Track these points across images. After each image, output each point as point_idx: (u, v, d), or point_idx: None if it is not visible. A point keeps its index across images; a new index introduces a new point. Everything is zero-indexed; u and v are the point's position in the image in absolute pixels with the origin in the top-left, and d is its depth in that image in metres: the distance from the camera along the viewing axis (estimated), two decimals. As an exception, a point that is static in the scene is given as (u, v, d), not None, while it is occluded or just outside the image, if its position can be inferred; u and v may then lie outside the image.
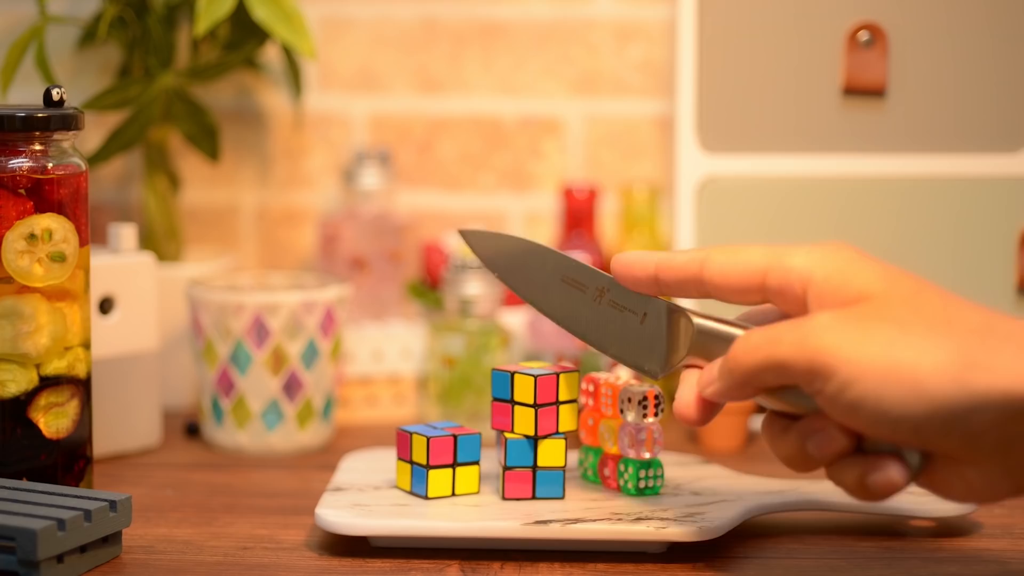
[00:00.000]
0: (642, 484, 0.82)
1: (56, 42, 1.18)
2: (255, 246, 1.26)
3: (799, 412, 0.68)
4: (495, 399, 0.82)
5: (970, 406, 0.62)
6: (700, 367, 0.73)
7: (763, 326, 0.69)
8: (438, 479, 0.81)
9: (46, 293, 0.84)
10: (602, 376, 0.85)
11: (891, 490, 0.66)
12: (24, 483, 0.80)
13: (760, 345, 0.67)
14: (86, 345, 0.87)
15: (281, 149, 1.25)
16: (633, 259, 0.76)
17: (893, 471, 0.66)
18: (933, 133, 1.06)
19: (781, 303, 0.70)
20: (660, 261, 0.74)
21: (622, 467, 0.83)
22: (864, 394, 0.63)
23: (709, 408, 0.72)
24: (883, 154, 1.06)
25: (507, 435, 0.81)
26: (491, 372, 0.83)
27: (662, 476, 0.83)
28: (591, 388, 0.85)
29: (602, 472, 0.85)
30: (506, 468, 0.81)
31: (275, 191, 1.25)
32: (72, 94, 0.96)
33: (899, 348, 0.63)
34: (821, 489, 0.84)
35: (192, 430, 1.04)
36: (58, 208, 0.84)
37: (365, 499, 0.81)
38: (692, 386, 0.72)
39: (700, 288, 0.73)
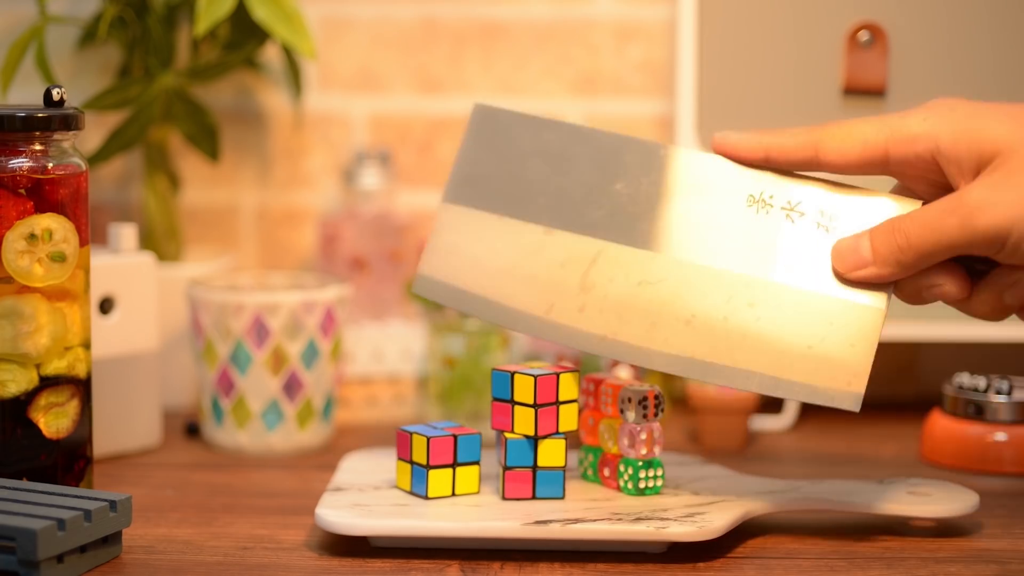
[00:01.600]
0: (642, 484, 0.82)
1: (56, 42, 1.18)
2: (255, 246, 1.26)
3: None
4: (495, 399, 0.82)
5: None
6: None
7: (915, 211, 0.70)
8: (438, 479, 0.81)
9: (46, 293, 0.84)
10: (602, 376, 0.85)
11: None
12: (24, 483, 0.80)
13: (925, 235, 0.69)
14: (86, 345, 0.87)
15: (281, 149, 1.25)
16: (739, 141, 0.76)
17: None
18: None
19: (908, 172, 0.71)
20: (770, 145, 0.75)
21: (622, 467, 0.83)
22: None
23: None
24: (883, 154, 1.06)
25: (507, 435, 0.81)
26: (491, 372, 0.83)
27: (662, 476, 0.83)
28: (591, 388, 0.85)
29: (602, 472, 0.85)
30: (506, 468, 0.81)
31: (275, 191, 1.25)
32: (72, 94, 0.96)
33: None
34: (821, 489, 0.84)
35: (192, 430, 1.04)
36: (58, 208, 0.84)
37: (365, 499, 0.81)
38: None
39: (815, 167, 0.74)
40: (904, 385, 1.20)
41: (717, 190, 0.78)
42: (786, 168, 0.75)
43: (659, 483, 0.82)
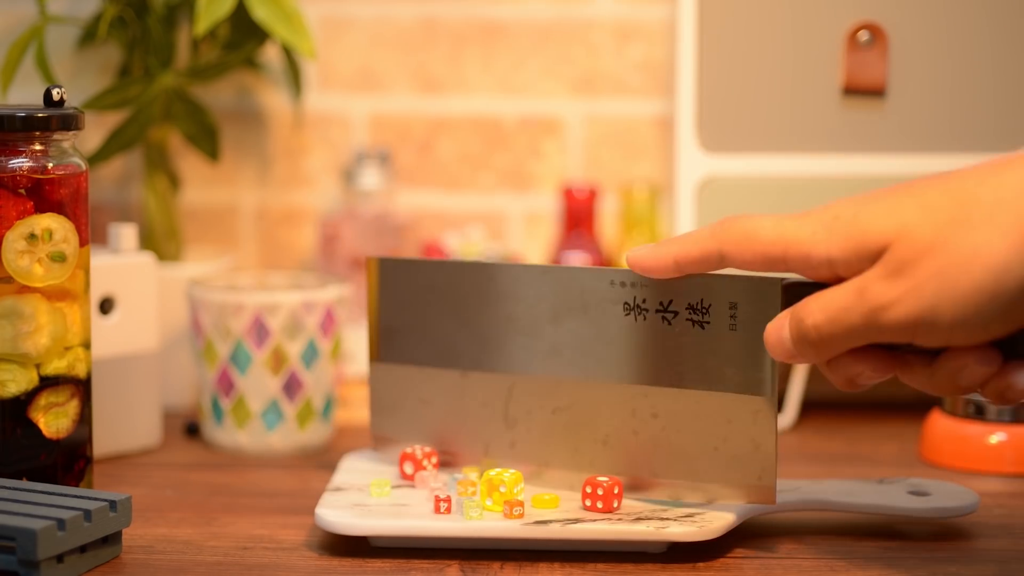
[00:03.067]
0: None
1: (56, 42, 1.18)
2: (255, 246, 1.26)
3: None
4: None
5: None
6: None
7: (821, 300, 0.70)
8: None
9: (46, 293, 0.84)
10: None
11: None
12: (24, 483, 0.79)
13: (834, 328, 0.69)
14: (86, 345, 0.87)
15: (281, 149, 1.25)
16: (647, 255, 0.77)
17: (1021, 380, 0.68)
18: (933, 133, 1.06)
19: (809, 273, 0.71)
20: (677, 254, 0.75)
21: None
22: (951, 324, 0.66)
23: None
24: (883, 154, 1.06)
25: None
26: None
27: None
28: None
29: None
30: None
31: (275, 191, 1.25)
32: (72, 94, 0.96)
33: (949, 272, 0.65)
34: (821, 489, 0.83)
35: (192, 430, 1.04)
36: (58, 208, 0.84)
37: (365, 499, 0.81)
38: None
39: (722, 267, 0.74)
40: (904, 385, 1.20)
41: (597, 304, 0.80)
42: (697, 272, 0.76)
43: None
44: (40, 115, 0.83)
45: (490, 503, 0.79)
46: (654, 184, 1.21)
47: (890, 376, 0.72)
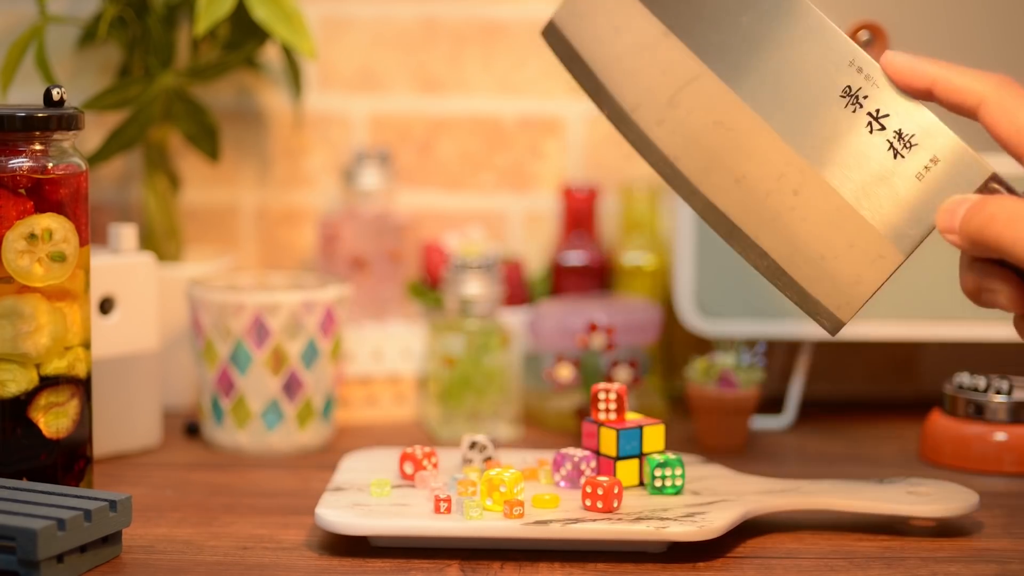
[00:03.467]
0: (658, 483, 0.82)
1: (56, 42, 1.18)
2: (255, 246, 1.26)
3: None
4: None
5: None
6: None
7: (1016, 205, 0.70)
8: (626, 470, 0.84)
9: (46, 293, 0.84)
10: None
11: None
12: (24, 483, 0.80)
13: (1007, 233, 0.69)
14: (86, 345, 0.87)
15: (281, 149, 1.25)
16: (908, 65, 0.75)
17: None
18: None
19: None
20: (936, 78, 0.74)
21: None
22: None
23: None
24: (883, 154, 1.06)
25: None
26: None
27: (682, 476, 0.83)
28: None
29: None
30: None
31: (275, 191, 1.25)
32: (72, 94, 0.96)
33: None
34: (821, 489, 0.84)
35: (192, 430, 1.04)
36: (58, 208, 0.84)
37: (365, 499, 0.81)
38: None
39: (973, 118, 0.73)
40: (904, 385, 1.20)
41: (825, 66, 0.77)
42: (945, 107, 0.74)
43: (678, 483, 0.83)
44: (40, 115, 0.83)
45: (490, 503, 0.79)
46: (654, 184, 1.21)
47: (1015, 310, 0.71)
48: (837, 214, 0.77)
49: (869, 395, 1.18)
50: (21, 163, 0.83)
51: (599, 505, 0.79)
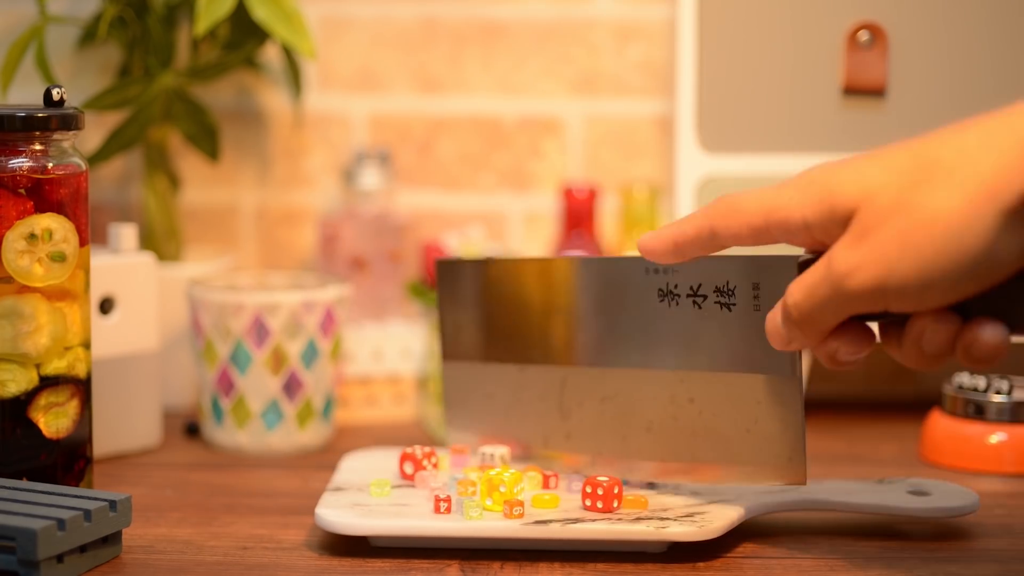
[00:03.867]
0: None
1: (56, 42, 1.18)
2: (255, 246, 1.26)
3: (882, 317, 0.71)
4: None
5: (992, 217, 0.64)
6: None
7: (799, 277, 0.71)
8: None
9: (46, 293, 0.84)
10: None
11: (995, 351, 0.68)
12: (24, 483, 0.79)
13: (810, 303, 0.69)
14: (86, 345, 0.87)
15: (281, 149, 1.25)
16: (650, 240, 0.77)
17: (987, 334, 0.67)
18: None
19: (795, 241, 0.72)
20: (675, 235, 0.76)
21: None
22: (917, 287, 0.65)
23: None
24: (883, 154, 1.06)
25: None
26: None
27: None
28: None
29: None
30: None
31: (275, 191, 1.25)
32: (72, 94, 0.96)
33: (911, 233, 0.65)
34: (821, 489, 0.84)
35: (192, 430, 1.04)
36: (58, 208, 0.84)
37: (365, 499, 0.81)
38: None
39: (720, 247, 0.75)
40: (904, 385, 1.20)
41: (632, 292, 0.81)
42: (697, 253, 0.76)
43: None
44: (40, 115, 0.83)
45: (490, 503, 0.79)
46: (654, 184, 1.21)
47: (867, 351, 0.71)
48: (731, 389, 0.79)
49: (869, 395, 1.18)
50: (21, 163, 0.83)
51: (599, 505, 0.79)
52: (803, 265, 0.74)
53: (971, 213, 0.64)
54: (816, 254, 0.73)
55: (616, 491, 0.79)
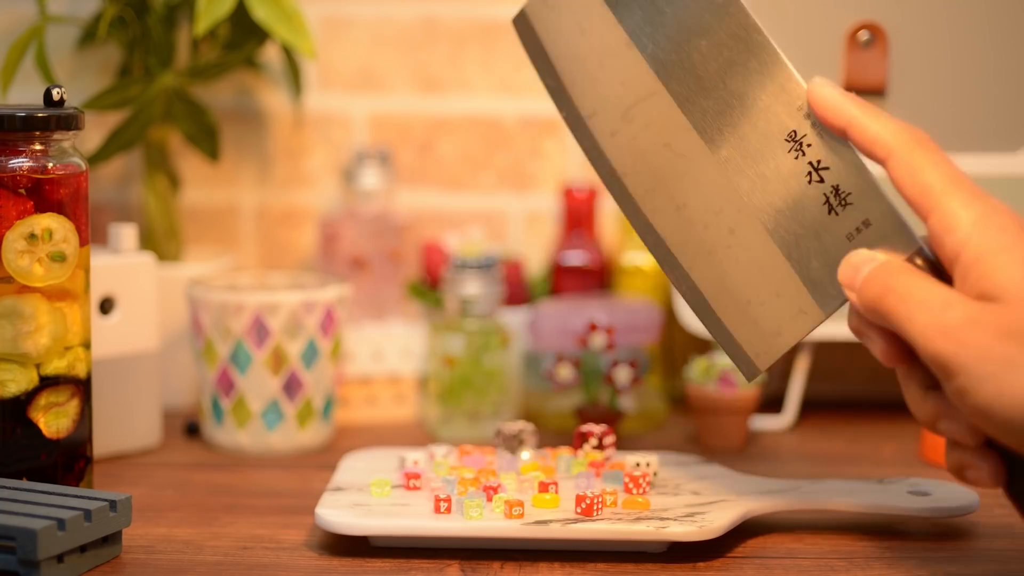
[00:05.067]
0: None
1: (56, 42, 1.18)
2: (255, 246, 1.26)
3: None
4: None
5: None
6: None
7: (914, 278, 0.69)
8: None
9: (46, 293, 0.84)
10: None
11: (983, 485, 0.69)
12: (24, 483, 0.80)
13: (903, 312, 0.68)
14: (86, 345, 0.87)
15: (281, 149, 1.25)
16: (830, 99, 0.75)
17: (986, 471, 0.68)
18: (933, 133, 1.05)
19: (931, 240, 0.70)
20: (852, 120, 0.73)
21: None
22: (983, 404, 0.65)
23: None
24: (883, 154, 1.06)
25: None
26: None
27: None
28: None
29: None
30: None
31: (275, 191, 1.25)
32: (72, 94, 0.96)
33: (1018, 367, 0.64)
34: (821, 489, 0.84)
35: (192, 430, 1.04)
36: (58, 208, 0.84)
37: (365, 499, 0.81)
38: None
39: (877, 161, 0.72)
40: (904, 385, 1.20)
41: (774, 106, 0.77)
42: (858, 149, 0.74)
43: None
44: (40, 115, 0.83)
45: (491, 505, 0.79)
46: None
47: (889, 364, 0.72)
48: (768, 261, 0.76)
49: (869, 395, 1.18)
50: (21, 163, 0.83)
51: (581, 507, 0.78)
52: (918, 253, 0.71)
53: None
54: (933, 261, 0.71)
55: (600, 503, 0.79)
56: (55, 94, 0.85)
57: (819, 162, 0.75)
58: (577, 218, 1.18)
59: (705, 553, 0.78)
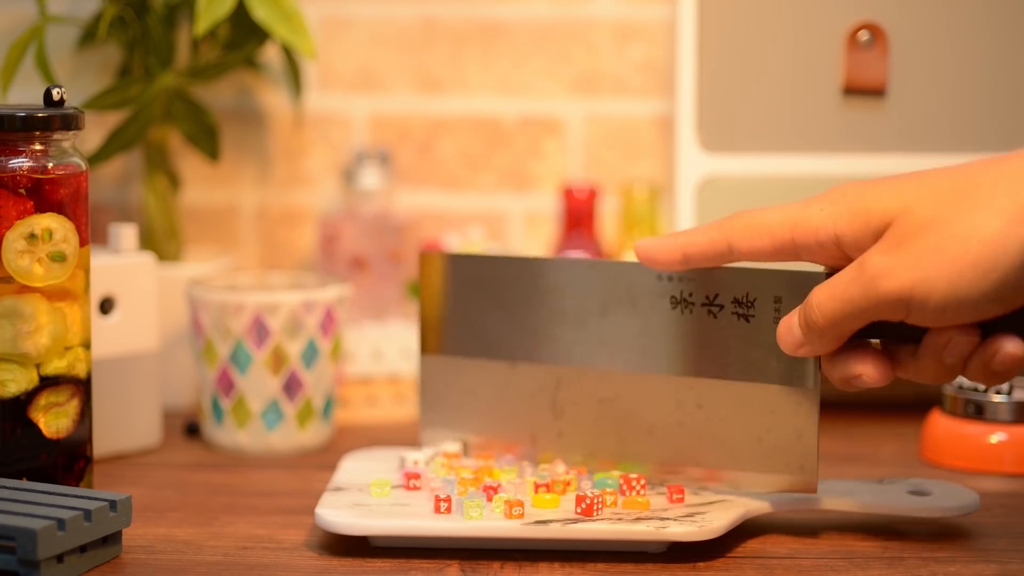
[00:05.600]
0: None
1: (56, 42, 1.18)
2: (255, 246, 1.26)
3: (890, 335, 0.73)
4: None
5: None
6: None
7: (825, 282, 0.72)
8: None
9: (46, 293, 0.84)
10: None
11: (1015, 364, 0.71)
12: (24, 483, 0.79)
13: (834, 306, 0.71)
14: (86, 345, 0.87)
15: (281, 149, 1.25)
16: (656, 246, 0.78)
17: (1009, 346, 0.70)
18: (933, 133, 1.06)
19: (817, 257, 0.73)
20: (685, 245, 0.77)
21: None
22: (944, 299, 0.68)
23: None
24: (883, 154, 1.06)
25: None
26: None
27: None
28: None
29: None
30: None
31: (275, 191, 1.25)
32: (72, 94, 0.96)
33: (947, 246, 0.68)
34: (821, 489, 0.83)
35: (192, 430, 1.04)
36: (58, 208, 0.84)
37: (365, 499, 0.81)
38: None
39: (731, 260, 0.76)
40: (904, 385, 1.20)
41: (644, 297, 0.82)
42: (705, 265, 0.77)
43: None
44: (40, 115, 0.83)
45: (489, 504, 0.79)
46: (654, 184, 1.21)
47: (888, 381, 0.74)
48: (743, 398, 0.80)
49: (869, 395, 1.18)
50: (21, 163, 0.83)
51: (581, 507, 0.78)
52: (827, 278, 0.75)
53: (1008, 236, 0.66)
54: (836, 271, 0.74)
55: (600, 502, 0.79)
56: (55, 94, 0.85)
57: (707, 297, 0.80)
58: (577, 218, 1.18)
59: (705, 553, 0.78)
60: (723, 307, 0.79)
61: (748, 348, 0.79)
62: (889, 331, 0.73)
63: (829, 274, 0.75)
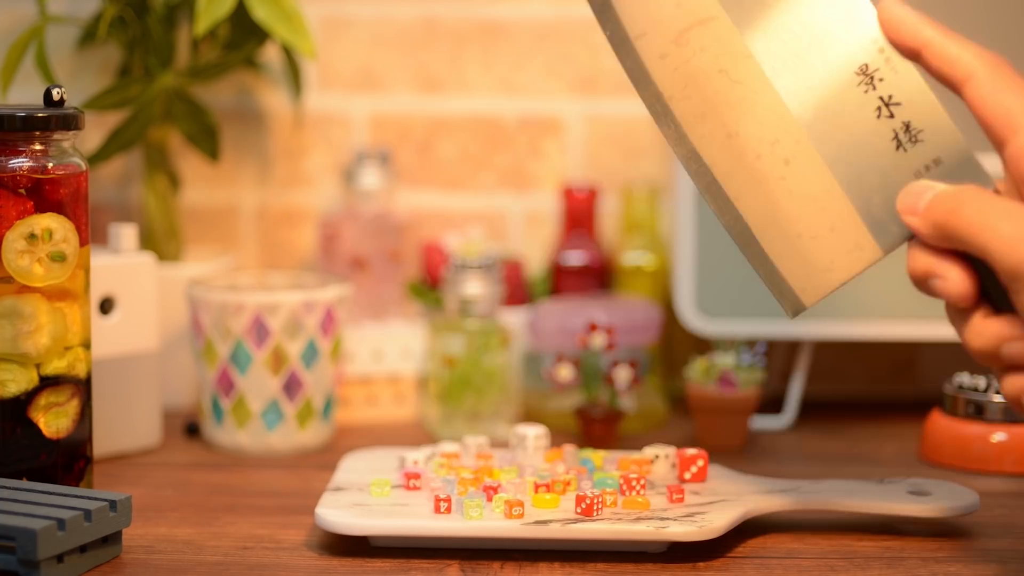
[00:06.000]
0: None
1: (56, 42, 1.18)
2: (255, 246, 1.26)
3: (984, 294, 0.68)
4: None
5: None
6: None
7: (984, 195, 0.67)
8: None
9: (46, 293, 0.84)
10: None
11: None
12: (24, 483, 0.80)
13: (973, 231, 0.66)
14: (86, 345, 0.87)
15: (281, 149, 1.25)
16: (902, 21, 0.72)
17: None
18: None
19: (1009, 161, 0.68)
20: (929, 42, 0.71)
21: None
22: None
23: None
24: (883, 154, 1.05)
25: None
26: None
27: None
28: None
29: None
30: None
31: (275, 191, 1.25)
32: (72, 94, 0.96)
33: None
34: (821, 489, 0.84)
35: (192, 430, 1.04)
36: (58, 208, 0.84)
37: (365, 499, 0.81)
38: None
39: (954, 92, 0.70)
40: (904, 385, 1.20)
41: (847, 39, 0.74)
42: (931, 74, 0.71)
43: None
44: (40, 115, 0.83)
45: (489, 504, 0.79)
46: (654, 184, 1.21)
47: (965, 302, 0.68)
48: (824, 195, 0.73)
49: (869, 395, 1.18)
50: (21, 163, 0.83)
51: (581, 507, 0.78)
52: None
53: None
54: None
55: (600, 500, 0.79)
56: (55, 94, 0.85)
57: (890, 97, 0.73)
58: (577, 218, 1.18)
59: (705, 553, 0.78)
60: (893, 117, 0.72)
61: (872, 168, 0.72)
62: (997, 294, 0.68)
63: (998, 191, 0.69)
